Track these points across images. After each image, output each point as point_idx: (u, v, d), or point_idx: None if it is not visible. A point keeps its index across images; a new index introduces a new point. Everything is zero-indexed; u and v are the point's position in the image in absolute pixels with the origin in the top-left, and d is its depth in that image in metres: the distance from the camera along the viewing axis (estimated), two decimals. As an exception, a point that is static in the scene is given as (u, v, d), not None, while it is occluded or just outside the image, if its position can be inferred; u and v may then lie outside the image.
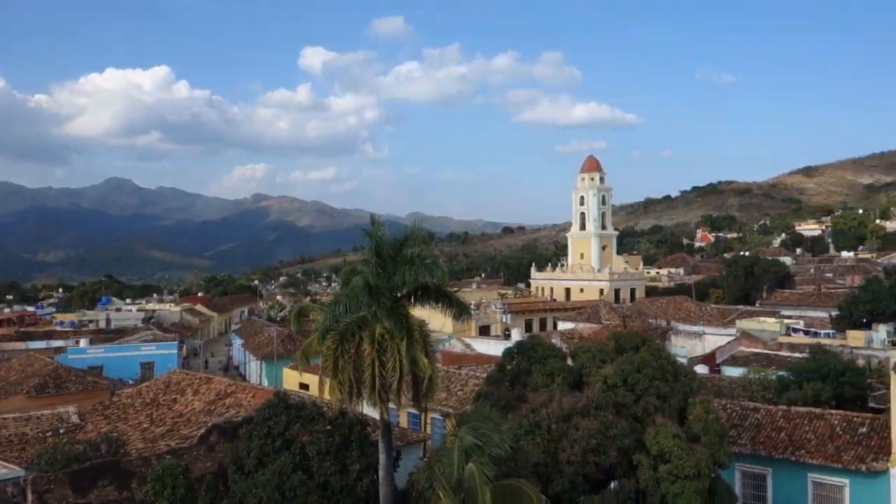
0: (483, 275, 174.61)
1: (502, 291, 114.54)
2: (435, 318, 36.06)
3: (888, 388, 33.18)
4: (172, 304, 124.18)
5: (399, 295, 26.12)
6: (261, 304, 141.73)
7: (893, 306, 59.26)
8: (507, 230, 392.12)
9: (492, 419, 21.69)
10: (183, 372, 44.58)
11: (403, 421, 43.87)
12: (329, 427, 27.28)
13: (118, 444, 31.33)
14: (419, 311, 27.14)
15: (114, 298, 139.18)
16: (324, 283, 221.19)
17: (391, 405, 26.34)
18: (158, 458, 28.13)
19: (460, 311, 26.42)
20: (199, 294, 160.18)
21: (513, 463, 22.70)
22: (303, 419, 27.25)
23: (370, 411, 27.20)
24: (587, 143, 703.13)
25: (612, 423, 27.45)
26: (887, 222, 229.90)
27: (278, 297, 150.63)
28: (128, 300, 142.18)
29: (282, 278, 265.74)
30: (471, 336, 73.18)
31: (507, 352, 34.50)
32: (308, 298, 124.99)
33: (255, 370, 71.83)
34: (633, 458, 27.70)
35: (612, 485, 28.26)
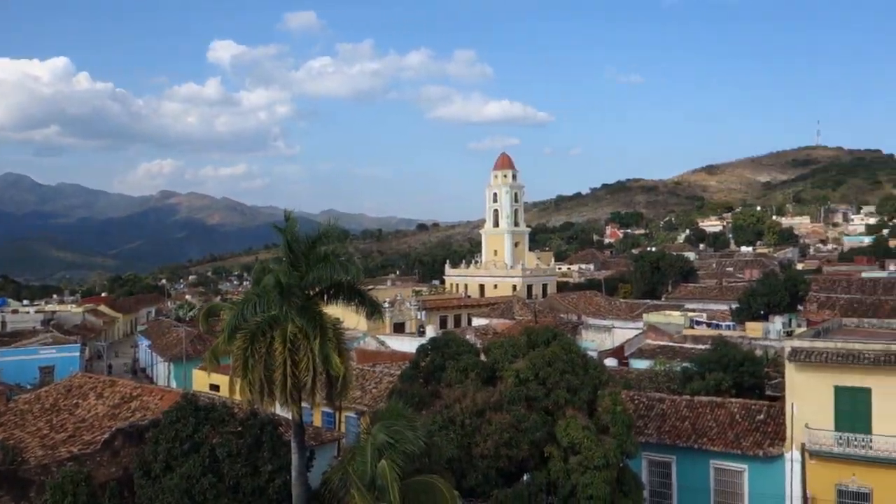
0: (398, 272, 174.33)
1: (417, 288, 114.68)
2: (349, 316, 35.83)
3: (783, 376, 34.84)
4: (74, 305, 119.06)
5: (312, 293, 25.84)
6: (169, 303, 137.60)
7: (788, 299, 62.26)
8: (422, 227, 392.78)
9: (405, 416, 21.71)
10: (86, 375, 42.81)
11: (317, 420, 43.44)
12: (240, 428, 26.73)
13: (15, 453, 29.83)
14: (333, 310, 26.92)
15: (10, 300, 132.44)
16: (235, 282, 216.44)
17: (304, 405, 26.02)
18: (59, 465, 26.95)
19: (373, 309, 26.32)
20: (103, 294, 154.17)
21: (426, 459, 22.76)
22: (212, 421, 26.61)
23: (283, 411, 26.78)
24: (500, 140, 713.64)
25: (524, 417, 27.90)
26: (783, 219, 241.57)
27: (187, 297, 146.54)
28: (25, 301, 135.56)
29: (191, 277, 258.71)
30: (385, 333, 73.04)
31: (422, 348, 34.60)
32: (218, 297, 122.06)
33: (162, 372, 69.64)
34: (545, 450, 28.27)
35: (525, 477, 28.74)
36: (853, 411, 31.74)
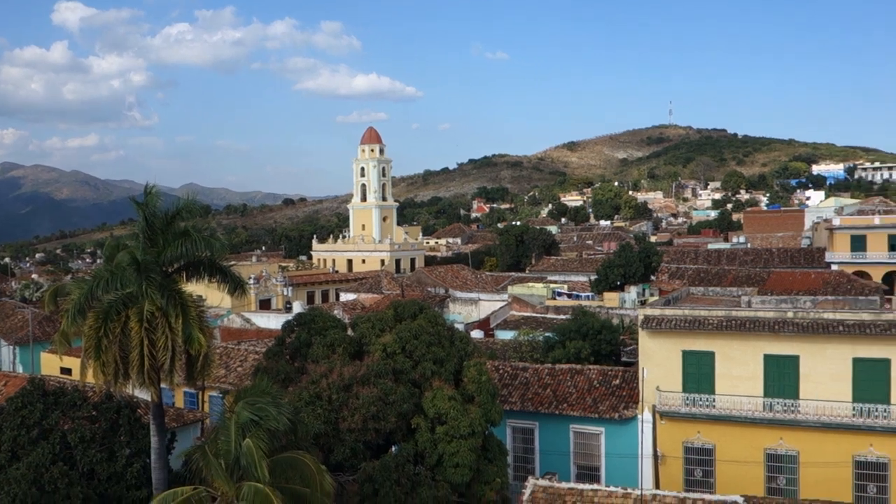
0: (264, 248, 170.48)
1: (283, 264, 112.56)
2: (213, 294, 34.84)
3: (637, 343, 36.79)
4: None
5: (170, 270, 24.87)
6: (13, 283, 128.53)
7: (642, 270, 65.46)
8: (288, 202, 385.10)
9: (270, 393, 21.34)
10: (-83, 362, 39.48)
11: (179, 401, 42.05)
12: (94, 412, 25.51)
13: None
14: (196, 287, 26.02)
15: None
16: (88, 260, 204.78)
17: (164, 385, 25.13)
18: None
19: (236, 285, 25.66)
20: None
21: (293, 435, 22.51)
22: (63, 406, 25.25)
23: (142, 393, 25.73)
24: (368, 114, 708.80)
25: (391, 390, 28.07)
26: (638, 193, 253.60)
27: (34, 276, 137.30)
28: None
29: (38, 255, 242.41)
30: (251, 310, 71.36)
31: (287, 325, 34.04)
32: (69, 276, 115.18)
33: (6, 357, 65.15)
34: (412, 421, 28.59)
35: (393, 449, 29.00)
36: (698, 373, 34.01)
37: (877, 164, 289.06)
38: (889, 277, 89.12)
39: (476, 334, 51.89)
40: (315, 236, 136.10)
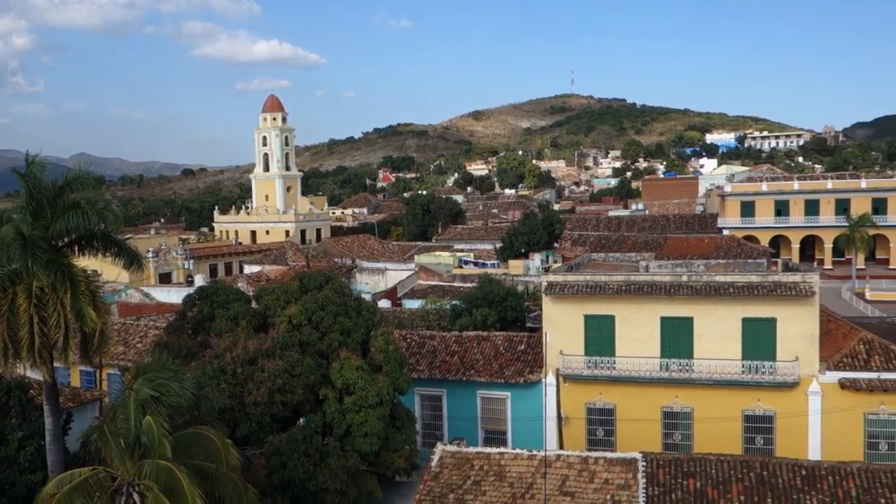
0: (163, 220, 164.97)
1: (184, 236, 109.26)
2: (109, 268, 33.37)
3: (542, 308, 37.57)
4: None
5: (60, 244, 23.72)
6: None
7: (546, 237, 66.79)
8: (188, 172, 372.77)
9: (172, 369, 20.78)
10: None
11: (76, 380, 40.49)
12: (-19, 395, 24.24)
13: None
14: (91, 262, 24.93)
15: None
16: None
17: (58, 364, 24.11)
18: None
19: (131, 259, 24.72)
20: None
21: (196, 411, 22.07)
22: (-54, 390, 23.88)
23: (34, 373, 24.58)
24: (270, 81, 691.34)
25: (297, 362, 27.82)
26: (542, 162, 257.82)
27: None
28: None
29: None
30: (150, 285, 69.12)
31: (189, 298, 33.15)
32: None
33: None
34: (320, 393, 28.48)
35: (300, 421, 28.84)
36: (600, 337, 35.07)
37: (765, 134, 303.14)
38: (776, 241, 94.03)
39: (383, 304, 51.92)
40: (217, 207, 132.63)
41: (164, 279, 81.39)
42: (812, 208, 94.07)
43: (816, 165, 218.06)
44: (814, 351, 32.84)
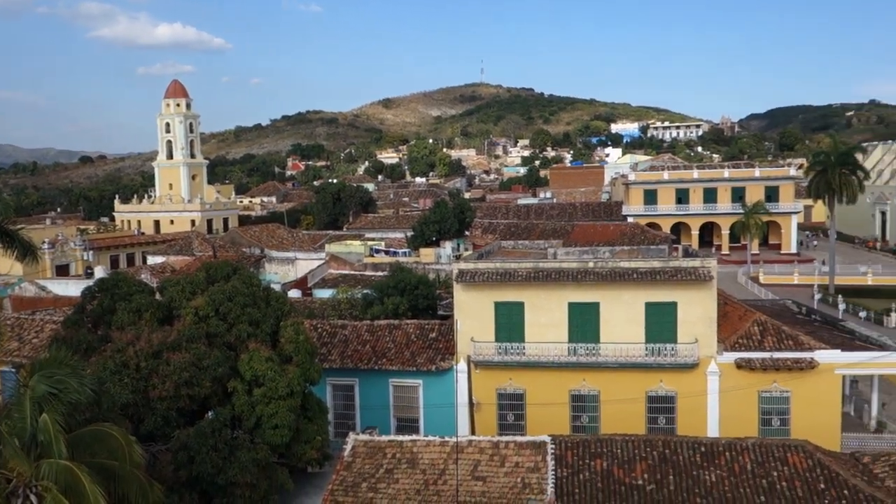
0: (59, 209, 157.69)
1: (83, 227, 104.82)
2: (1, 261, 31.76)
3: (453, 296, 37.84)
4: None
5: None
6: None
7: (457, 225, 67.21)
8: (86, 159, 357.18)
9: (70, 364, 19.89)
10: None
11: (-36, 379, 38.39)
12: None
13: None
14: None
15: None
16: None
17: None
18: None
19: (25, 250, 23.60)
20: None
21: (97, 408, 21.26)
22: None
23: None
24: (173, 66, 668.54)
25: (204, 354, 27.18)
26: (452, 151, 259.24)
27: None
28: None
29: None
30: (46, 278, 66.07)
31: (88, 291, 31.88)
32: None
33: None
34: (228, 385, 27.91)
35: (208, 414, 28.20)
36: (510, 323, 35.62)
37: (667, 124, 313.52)
38: (677, 227, 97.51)
39: (293, 294, 51.23)
40: (118, 196, 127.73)
41: (62, 271, 77.97)
42: (710, 196, 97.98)
43: (714, 155, 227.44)
44: (712, 333, 34.29)
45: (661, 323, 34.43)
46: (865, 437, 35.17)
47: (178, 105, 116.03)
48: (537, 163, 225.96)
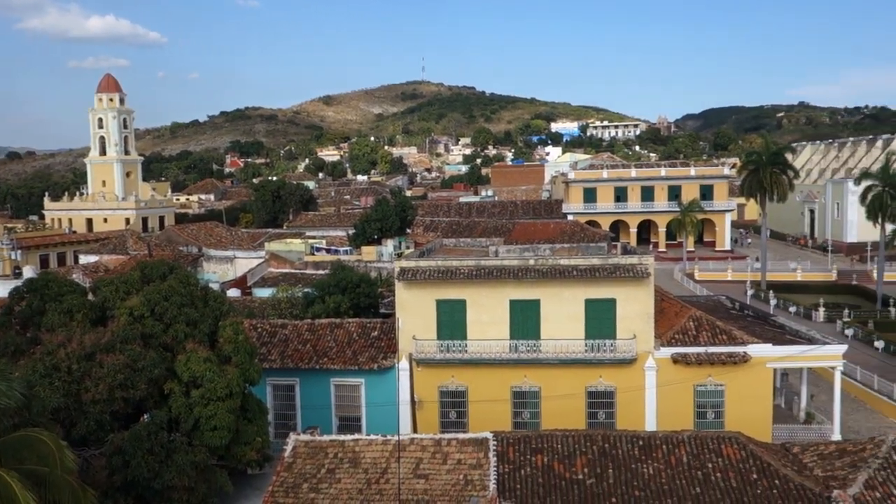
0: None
1: (10, 225, 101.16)
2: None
3: (395, 294, 37.74)
4: None
5: None
6: None
7: (398, 223, 67.07)
8: (14, 155, 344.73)
9: (-4, 368, 19.23)
10: None
11: None
12: None
13: None
14: None
15: None
16: None
17: None
18: None
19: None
20: None
21: (27, 412, 20.55)
22: None
23: None
24: (106, 60, 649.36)
25: (140, 356, 26.53)
26: (394, 149, 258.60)
27: None
28: None
29: None
30: (-29, 278, 63.60)
31: (16, 292, 30.81)
32: None
33: None
34: (165, 387, 27.33)
35: (144, 417, 27.55)
36: (452, 321, 35.69)
37: (605, 123, 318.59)
38: (616, 225, 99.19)
39: (233, 293, 50.49)
40: (47, 194, 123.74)
41: (-12, 271, 75.08)
42: (648, 194, 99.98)
43: (651, 154, 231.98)
44: (649, 329, 34.96)
45: (600, 319, 34.95)
46: (795, 428, 36.35)
47: (111, 100, 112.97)
48: (479, 161, 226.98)
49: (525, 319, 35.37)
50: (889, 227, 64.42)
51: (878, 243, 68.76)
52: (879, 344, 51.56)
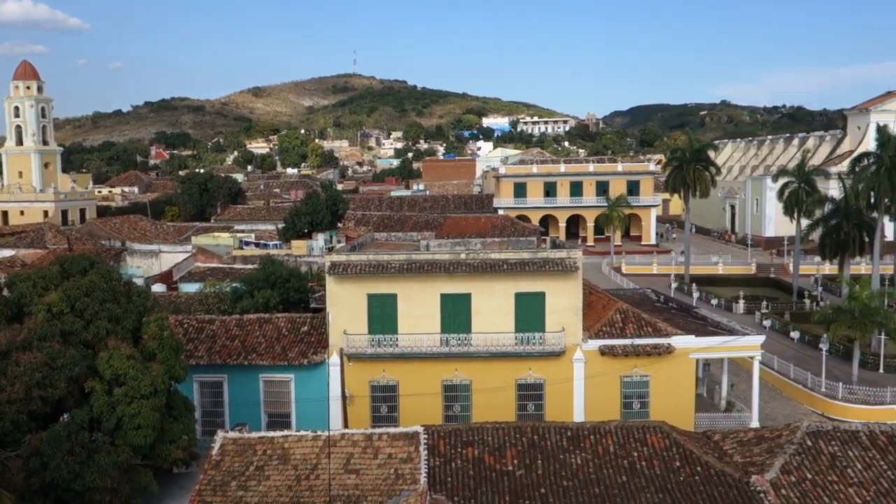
0: None
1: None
2: None
3: (325, 289, 37.44)
4: None
5: None
6: None
7: (329, 217, 66.48)
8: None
9: None
10: None
11: None
12: None
13: None
14: None
15: None
16: None
17: None
18: None
19: None
20: None
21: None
22: None
23: None
24: (22, 46, 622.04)
25: (58, 353, 25.65)
26: (325, 142, 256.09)
27: None
28: None
29: None
30: None
31: (-76, 288, 29.37)
32: None
33: None
34: (86, 385, 26.50)
35: (64, 416, 26.66)
36: (383, 315, 35.61)
37: (535, 119, 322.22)
38: (545, 220, 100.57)
39: (158, 288, 49.32)
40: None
41: None
42: (577, 190, 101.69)
43: (580, 150, 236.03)
44: (578, 321, 35.59)
45: (530, 312, 35.39)
46: (716, 417, 37.58)
47: (28, 88, 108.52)
48: (410, 155, 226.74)
49: (456, 313, 35.55)
50: (804, 222, 67.09)
51: (794, 238, 71.54)
52: (795, 334, 53.68)
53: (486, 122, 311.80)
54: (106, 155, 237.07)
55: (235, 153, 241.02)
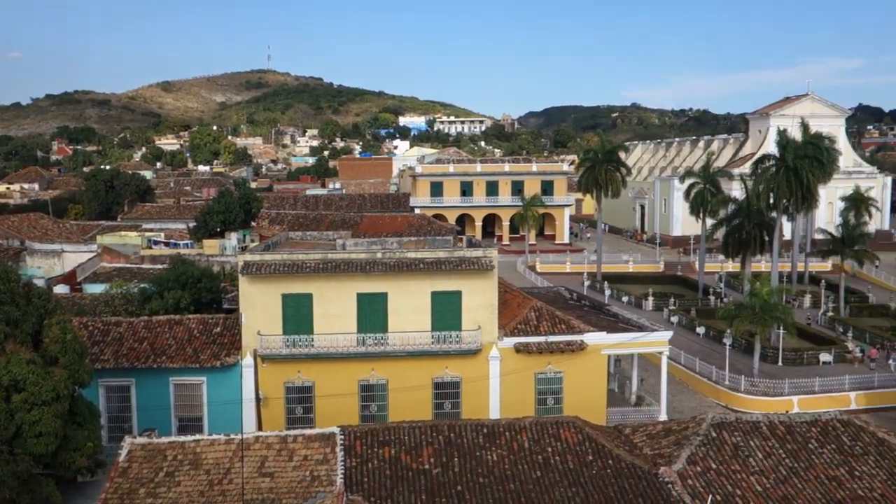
0: None
1: None
2: None
3: (238, 289, 36.67)
4: None
5: None
6: None
7: (243, 216, 65.22)
8: None
9: None
10: None
11: None
12: None
13: None
14: None
15: None
16: None
17: None
18: None
19: None
20: None
21: None
22: None
23: None
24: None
25: (-48, 359, 24.31)
26: (238, 139, 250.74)
27: None
28: None
29: None
30: None
31: None
32: None
33: None
34: (-18, 392, 25.17)
35: (-43, 427, 25.27)
36: (298, 315, 35.16)
37: (452, 119, 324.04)
38: (462, 219, 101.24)
39: (60, 290, 47.40)
40: None
41: None
42: (492, 189, 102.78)
43: (496, 150, 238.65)
44: (493, 319, 35.99)
45: (446, 311, 35.59)
46: (627, 411, 38.67)
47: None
48: (326, 153, 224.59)
49: (372, 312, 35.43)
50: (709, 221, 69.71)
51: (700, 237, 74.24)
52: (701, 330, 55.75)
53: (403, 121, 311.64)
54: (3, 150, 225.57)
55: (144, 149, 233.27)
